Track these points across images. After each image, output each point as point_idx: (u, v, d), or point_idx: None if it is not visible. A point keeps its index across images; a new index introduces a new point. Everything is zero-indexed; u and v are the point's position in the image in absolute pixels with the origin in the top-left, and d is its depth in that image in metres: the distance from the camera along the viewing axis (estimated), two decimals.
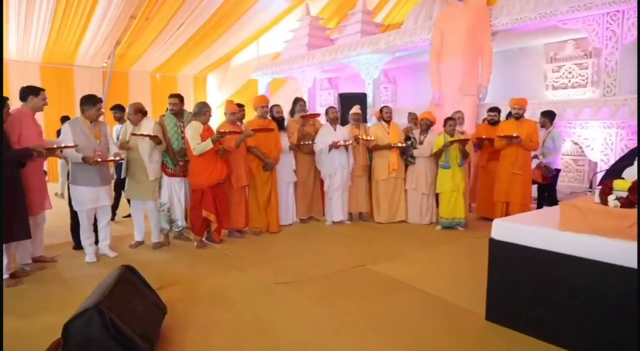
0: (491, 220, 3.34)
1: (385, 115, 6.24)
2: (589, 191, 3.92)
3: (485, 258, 3.13)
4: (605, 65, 6.10)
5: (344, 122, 6.41)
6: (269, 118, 5.66)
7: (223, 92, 14.51)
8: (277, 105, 5.95)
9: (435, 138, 5.95)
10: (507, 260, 3.00)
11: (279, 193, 5.79)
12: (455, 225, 5.81)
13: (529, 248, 2.87)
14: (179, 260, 4.62)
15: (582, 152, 7.42)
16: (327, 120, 6.13)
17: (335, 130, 6.06)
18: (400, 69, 10.80)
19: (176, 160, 5.00)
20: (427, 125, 6.10)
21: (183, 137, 4.98)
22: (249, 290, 3.74)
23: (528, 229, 2.90)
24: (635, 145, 5.83)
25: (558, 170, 6.14)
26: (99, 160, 4.26)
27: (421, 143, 6.10)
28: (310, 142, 5.95)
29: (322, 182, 6.21)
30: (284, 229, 5.85)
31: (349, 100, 7.97)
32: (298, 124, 6.07)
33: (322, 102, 13.02)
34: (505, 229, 3.04)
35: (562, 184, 7.18)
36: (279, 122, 5.81)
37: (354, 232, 5.82)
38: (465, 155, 5.72)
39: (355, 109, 6.33)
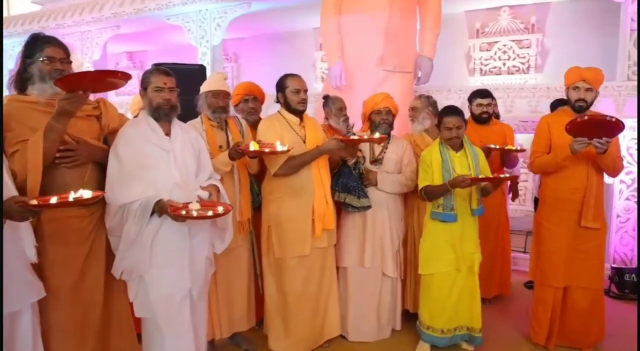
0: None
1: (293, 99, 2.63)
2: None
3: None
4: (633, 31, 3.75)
5: (184, 117, 2.53)
6: None
7: None
8: None
9: (414, 152, 2.69)
10: None
11: None
12: (458, 341, 2.65)
13: None
14: None
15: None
16: (146, 114, 2.21)
17: (170, 138, 2.20)
18: (248, 40, 7.22)
19: None
20: (387, 122, 2.75)
21: None
22: None
23: None
24: None
25: None
26: None
27: (376, 161, 2.75)
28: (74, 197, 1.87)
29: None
30: None
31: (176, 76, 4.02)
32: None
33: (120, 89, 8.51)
34: None
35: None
36: None
37: None
38: (492, 188, 2.56)
39: (218, 82, 2.57)
